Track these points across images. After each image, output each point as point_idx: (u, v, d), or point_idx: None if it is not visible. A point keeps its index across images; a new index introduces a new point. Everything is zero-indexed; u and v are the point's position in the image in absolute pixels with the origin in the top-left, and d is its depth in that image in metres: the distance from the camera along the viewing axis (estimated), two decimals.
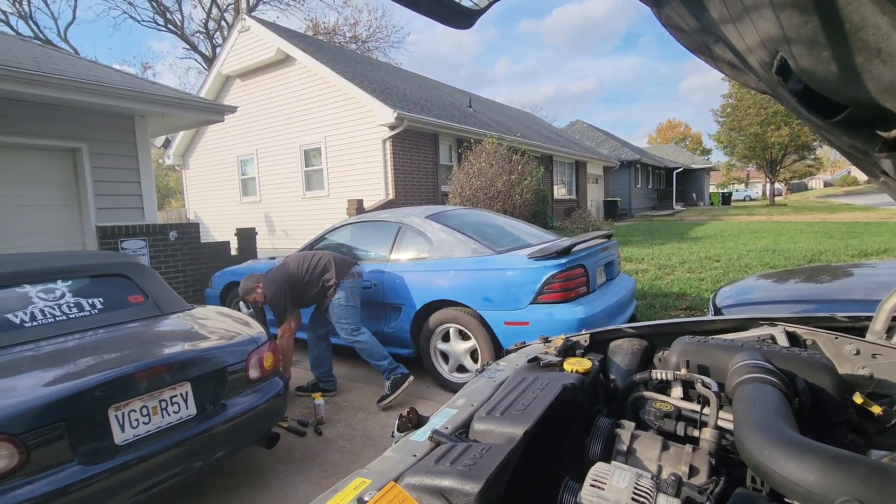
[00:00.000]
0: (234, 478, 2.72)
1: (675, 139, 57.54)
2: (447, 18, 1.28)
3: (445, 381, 3.78)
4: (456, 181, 10.17)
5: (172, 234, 6.19)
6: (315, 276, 3.71)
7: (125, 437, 2.01)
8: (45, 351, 2.24)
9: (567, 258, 3.42)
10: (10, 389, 1.90)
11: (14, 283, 2.50)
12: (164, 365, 2.18)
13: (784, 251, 8.55)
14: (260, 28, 11.60)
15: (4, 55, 4.96)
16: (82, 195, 5.63)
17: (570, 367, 1.22)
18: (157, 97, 5.75)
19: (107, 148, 5.75)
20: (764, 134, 25.80)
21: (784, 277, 3.40)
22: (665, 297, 5.77)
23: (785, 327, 1.33)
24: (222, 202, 13.38)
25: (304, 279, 3.69)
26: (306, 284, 3.70)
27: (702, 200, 33.92)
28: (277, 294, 3.63)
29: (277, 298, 3.63)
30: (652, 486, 0.79)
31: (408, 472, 0.84)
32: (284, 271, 3.72)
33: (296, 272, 3.71)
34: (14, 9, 20.59)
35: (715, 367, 1.15)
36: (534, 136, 15.78)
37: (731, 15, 0.84)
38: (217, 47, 22.39)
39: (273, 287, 3.65)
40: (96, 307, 2.65)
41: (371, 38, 26.56)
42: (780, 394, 0.93)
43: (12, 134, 5.06)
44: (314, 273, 3.72)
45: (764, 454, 0.76)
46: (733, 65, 1.07)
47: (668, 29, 1.15)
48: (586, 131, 28.65)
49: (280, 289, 3.63)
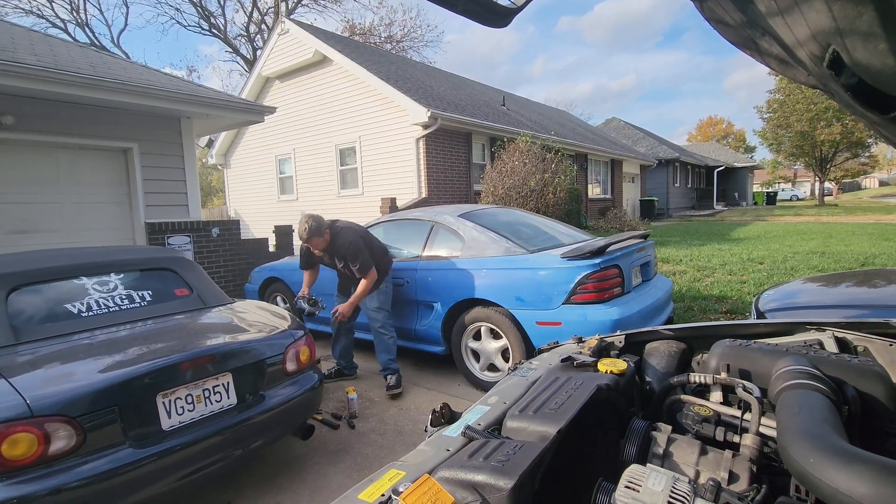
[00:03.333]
0: (271, 467, 2.81)
1: (716, 136, 55.42)
2: (484, 17, 1.29)
3: (476, 379, 3.79)
4: (488, 180, 10.14)
5: (214, 231, 6.43)
6: (376, 252, 3.75)
7: (171, 423, 2.11)
8: (99, 340, 2.38)
9: (601, 258, 3.36)
10: (69, 375, 2.03)
11: (73, 276, 2.67)
12: (208, 355, 2.28)
13: (834, 254, 8.12)
14: (298, 30, 11.89)
15: (67, 61, 5.28)
16: (133, 193, 5.93)
17: (604, 368, 1.21)
18: (202, 99, 5.99)
19: (155, 148, 6.03)
20: (813, 131, 24.53)
21: (834, 281, 3.23)
22: (704, 300, 5.58)
23: (834, 332, 1.27)
24: (261, 200, 13.79)
25: (370, 248, 3.68)
26: (371, 253, 3.67)
27: (744, 200, 32.57)
28: (356, 242, 3.55)
29: (357, 246, 3.54)
30: (689, 491, 0.78)
31: (441, 466, 0.85)
32: (353, 228, 3.74)
33: (364, 234, 3.75)
34: (72, 17, 21.87)
35: (757, 371, 1.11)
36: (568, 135, 15.54)
37: (780, 7, 0.81)
38: (257, 50, 23.09)
39: (351, 235, 3.58)
40: (146, 299, 2.79)
41: (405, 37, 26.78)
42: (828, 401, 0.89)
43: (72, 135, 5.39)
44: (375, 249, 3.75)
45: (810, 462, 0.73)
46: (781, 59, 1.03)
47: (711, 23, 1.12)
48: (623, 129, 27.99)
49: (357, 238, 3.59)
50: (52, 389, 1.89)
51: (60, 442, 1.81)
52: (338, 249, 3.64)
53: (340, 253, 3.63)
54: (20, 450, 1.74)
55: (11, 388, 1.85)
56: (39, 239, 5.27)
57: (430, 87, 12.28)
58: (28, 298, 2.48)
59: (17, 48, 5.17)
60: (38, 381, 1.96)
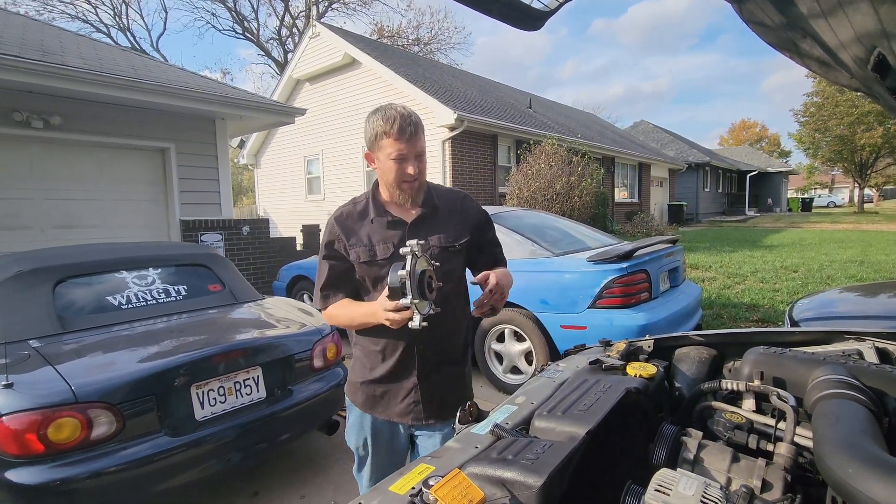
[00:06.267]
0: (296, 461, 2.87)
1: (749, 140, 53.82)
2: (517, 20, 1.30)
3: (499, 381, 3.78)
4: (514, 182, 10.10)
5: (245, 229, 6.60)
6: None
7: (204, 413, 2.19)
8: (138, 331, 2.48)
9: (629, 262, 3.32)
10: (111, 364, 2.13)
11: (114, 269, 2.79)
12: (240, 350, 2.35)
13: (873, 263, 7.79)
14: (329, 34, 12.10)
15: (110, 64, 5.52)
16: (169, 191, 6.14)
17: (633, 372, 1.20)
18: (236, 100, 6.17)
19: (191, 148, 6.24)
20: (853, 135, 23.56)
21: (873, 291, 3.11)
22: (734, 308, 5.43)
23: (875, 342, 1.23)
24: (289, 199, 14.07)
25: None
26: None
27: (778, 206, 31.52)
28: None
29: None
30: (721, 497, 0.77)
31: (470, 462, 0.86)
32: None
33: None
34: (115, 22, 22.82)
35: (792, 380, 1.09)
36: (595, 137, 15.35)
37: (823, 9, 0.80)
38: (289, 52, 23.59)
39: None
40: (181, 293, 2.89)
41: (433, 39, 26.92)
42: (868, 411, 0.87)
43: (113, 135, 5.63)
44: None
45: (848, 472, 0.72)
46: (822, 61, 1.01)
47: (750, 25, 1.11)
48: (651, 132, 27.47)
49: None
50: (95, 377, 1.98)
51: (102, 427, 1.90)
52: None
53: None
54: (65, 433, 1.83)
55: (58, 374, 1.95)
56: (82, 234, 5.52)
57: (457, 90, 12.32)
58: (73, 290, 2.60)
59: (65, 52, 5.43)
60: (82, 369, 2.06)
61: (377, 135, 1.39)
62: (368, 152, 1.47)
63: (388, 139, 1.37)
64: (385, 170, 1.42)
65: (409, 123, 1.38)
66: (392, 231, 1.47)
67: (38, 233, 5.29)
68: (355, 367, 1.60)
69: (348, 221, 1.49)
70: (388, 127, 1.36)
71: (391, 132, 1.36)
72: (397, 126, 1.36)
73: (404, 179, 1.42)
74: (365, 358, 1.54)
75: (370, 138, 1.42)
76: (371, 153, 1.46)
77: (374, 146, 1.42)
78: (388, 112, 1.39)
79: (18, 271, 2.51)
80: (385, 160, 1.40)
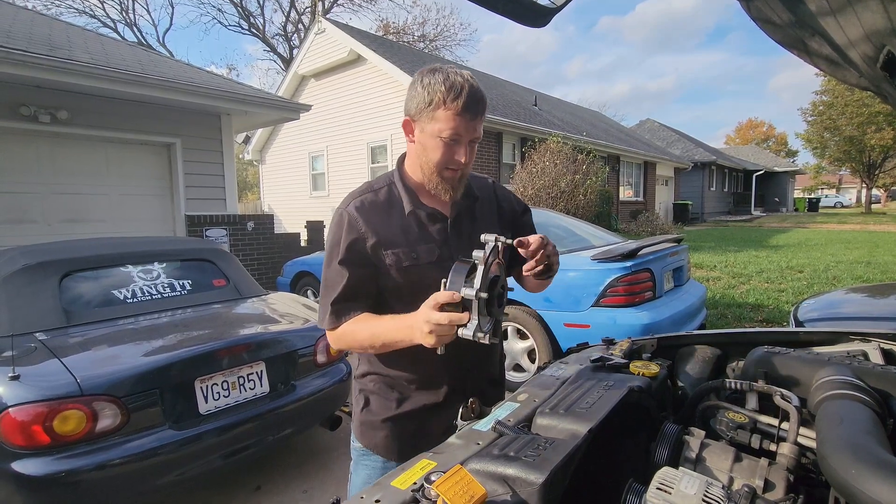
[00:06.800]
0: (299, 456, 2.89)
1: (755, 140, 53.45)
2: (523, 17, 1.30)
3: None
4: (518, 180, 10.08)
5: (250, 225, 6.63)
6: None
7: (208, 407, 2.20)
8: (143, 325, 2.50)
9: (633, 261, 3.31)
10: (116, 357, 2.14)
11: (120, 264, 2.81)
12: (244, 344, 2.37)
13: (880, 264, 7.74)
14: (334, 30, 12.09)
15: (117, 59, 5.54)
16: (174, 186, 6.17)
17: (636, 371, 1.20)
18: (242, 96, 6.18)
19: (196, 143, 6.26)
20: (863, 135, 23.37)
21: (880, 292, 3.09)
22: (739, 308, 5.41)
23: (880, 343, 1.22)
24: (294, 196, 14.10)
25: None
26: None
27: (784, 206, 31.33)
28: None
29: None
30: (723, 496, 0.77)
31: (472, 458, 0.87)
32: None
33: None
34: (122, 17, 22.90)
35: (797, 380, 1.08)
36: (600, 136, 15.30)
37: (832, 7, 0.79)
38: (294, 49, 23.58)
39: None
40: (186, 288, 2.91)
41: (438, 36, 26.85)
42: (872, 413, 0.87)
43: (120, 130, 5.65)
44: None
45: (851, 473, 0.71)
46: (831, 60, 1.00)
47: (757, 23, 1.10)
48: (657, 131, 27.33)
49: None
50: (101, 370, 2.00)
51: (107, 420, 1.91)
52: None
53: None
54: (70, 426, 1.85)
55: (63, 367, 1.97)
56: (88, 228, 5.55)
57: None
58: (79, 284, 2.62)
59: (73, 47, 5.45)
60: (88, 362, 2.07)
61: (433, 102, 1.06)
62: (410, 120, 1.13)
63: (447, 112, 1.05)
64: (429, 148, 1.11)
65: (479, 100, 1.08)
66: (433, 226, 1.17)
67: (44, 227, 5.33)
68: (372, 404, 1.25)
69: (373, 214, 1.15)
70: (452, 97, 1.05)
71: (454, 105, 1.05)
72: (464, 99, 1.05)
73: (449, 166, 1.12)
74: (388, 390, 1.23)
75: (420, 104, 1.08)
76: (414, 122, 1.12)
77: (423, 115, 1.08)
78: (454, 78, 1.06)
79: (25, 265, 2.53)
80: (432, 137, 1.09)
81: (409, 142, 1.16)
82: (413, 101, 1.10)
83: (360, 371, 1.28)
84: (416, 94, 1.09)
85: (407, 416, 1.20)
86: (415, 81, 1.11)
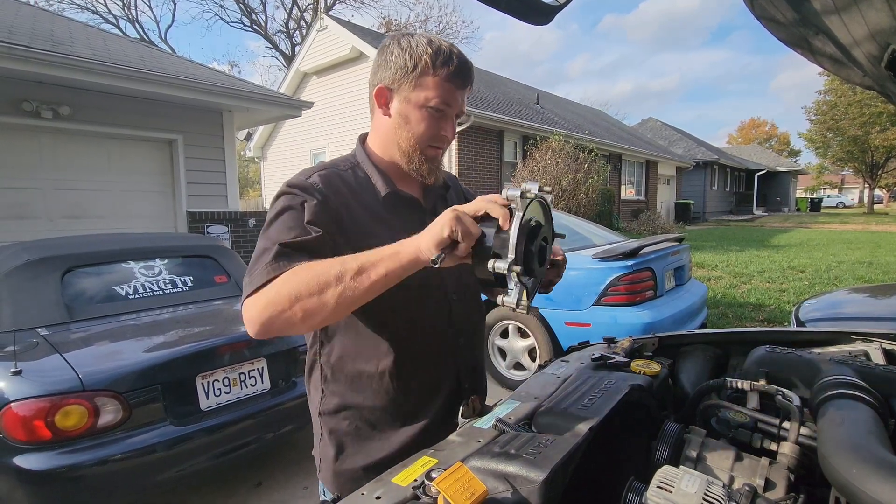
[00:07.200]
0: (300, 452, 2.89)
1: (758, 139, 53.33)
2: (526, 15, 1.29)
3: (502, 377, 3.79)
4: (520, 178, 10.08)
5: (251, 222, 6.63)
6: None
7: (209, 403, 2.20)
8: (144, 321, 2.51)
9: (634, 260, 3.31)
10: (118, 353, 2.15)
11: (122, 260, 2.81)
12: (245, 341, 2.37)
13: (882, 264, 7.73)
14: (336, 27, 12.07)
15: (119, 55, 5.54)
16: (176, 182, 6.17)
17: (637, 369, 1.20)
18: (244, 93, 6.18)
19: (198, 140, 6.26)
20: (866, 136, 23.31)
21: (882, 292, 3.09)
22: (740, 308, 5.41)
23: (882, 344, 1.22)
24: None
25: None
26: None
27: (787, 206, 31.27)
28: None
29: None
30: (724, 494, 0.77)
31: (472, 456, 0.87)
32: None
33: None
34: (124, 13, 22.90)
35: (798, 380, 1.08)
36: (602, 134, 15.27)
37: (837, 5, 0.79)
38: (296, 45, 23.56)
39: None
40: (187, 284, 2.91)
41: (441, 34, 26.79)
42: (874, 413, 0.87)
43: (122, 126, 5.65)
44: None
45: (852, 473, 0.71)
46: (835, 59, 1.00)
47: (762, 21, 1.10)
48: (659, 130, 27.27)
49: None
50: (102, 366, 2.01)
51: (108, 415, 1.92)
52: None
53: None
54: (72, 421, 1.85)
55: (65, 362, 1.98)
56: (90, 224, 5.56)
57: None
58: (81, 279, 2.62)
59: (75, 42, 5.45)
60: (90, 358, 2.08)
61: (417, 67, 0.90)
62: (385, 88, 0.95)
63: (436, 78, 0.91)
64: (412, 120, 0.94)
65: (469, 67, 0.94)
66: (412, 214, 1.00)
67: (46, 222, 5.34)
68: (349, 449, 0.99)
69: (343, 192, 0.95)
70: (441, 61, 0.90)
71: (444, 70, 0.90)
72: (456, 65, 0.91)
73: (433, 143, 0.97)
74: (369, 429, 0.99)
75: (402, 70, 0.91)
76: (390, 91, 0.95)
77: (406, 83, 0.92)
78: (439, 42, 0.92)
79: (27, 260, 2.53)
80: (417, 107, 0.93)
81: (383, 114, 0.98)
82: (390, 67, 0.93)
83: (328, 406, 1.00)
84: (393, 59, 0.93)
85: (394, 457, 0.94)
86: (388, 46, 0.95)
